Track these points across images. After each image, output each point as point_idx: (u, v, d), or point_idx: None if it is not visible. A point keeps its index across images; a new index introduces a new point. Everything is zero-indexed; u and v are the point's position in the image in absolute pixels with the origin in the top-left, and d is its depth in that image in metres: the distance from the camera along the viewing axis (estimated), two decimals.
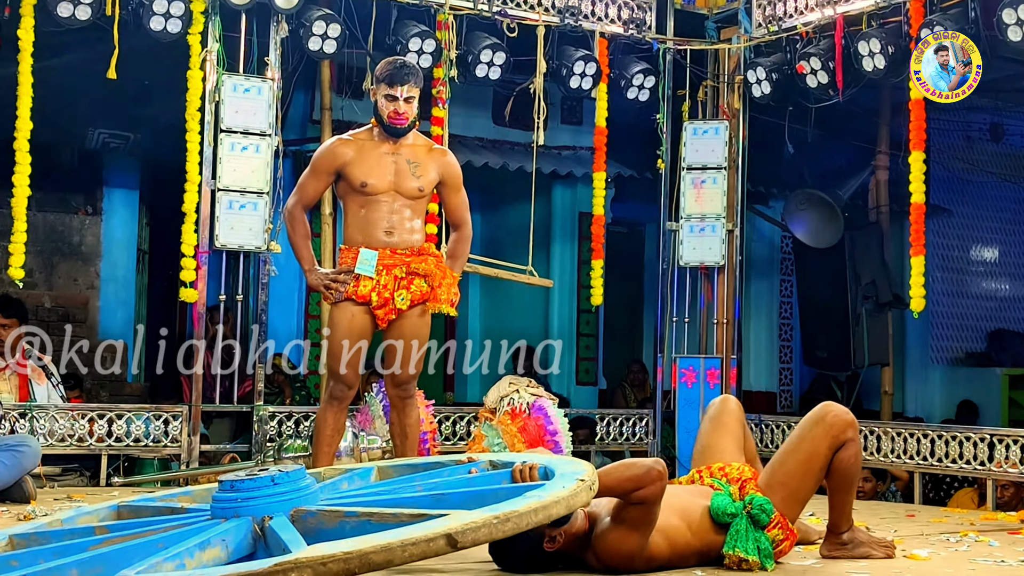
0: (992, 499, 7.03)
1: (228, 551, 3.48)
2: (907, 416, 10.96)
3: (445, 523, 3.27)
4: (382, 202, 5.50)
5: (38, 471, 6.60)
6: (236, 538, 3.51)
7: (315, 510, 3.59)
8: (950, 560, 4.75)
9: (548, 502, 3.46)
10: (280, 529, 3.47)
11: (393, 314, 5.50)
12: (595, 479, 3.73)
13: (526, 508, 3.39)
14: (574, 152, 10.46)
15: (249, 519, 3.55)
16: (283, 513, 3.56)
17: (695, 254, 8.58)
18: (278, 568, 3.08)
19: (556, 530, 3.98)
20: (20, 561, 3.54)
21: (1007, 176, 12.18)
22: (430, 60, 7.67)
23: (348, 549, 3.13)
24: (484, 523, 3.29)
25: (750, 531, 4.17)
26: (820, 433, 4.32)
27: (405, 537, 3.19)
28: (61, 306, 9.45)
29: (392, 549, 3.16)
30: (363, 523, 3.49)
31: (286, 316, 9.55)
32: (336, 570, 3.11)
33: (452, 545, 3.22)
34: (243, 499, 3.58)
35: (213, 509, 3.65)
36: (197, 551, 3.37)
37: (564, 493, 3.55)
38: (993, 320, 12.44)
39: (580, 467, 3.87)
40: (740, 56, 8.57)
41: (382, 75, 5.49)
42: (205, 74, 7.31)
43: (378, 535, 3.21)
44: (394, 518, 3.45)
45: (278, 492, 3.60)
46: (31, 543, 3.85)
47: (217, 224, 7.29)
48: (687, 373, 8.48)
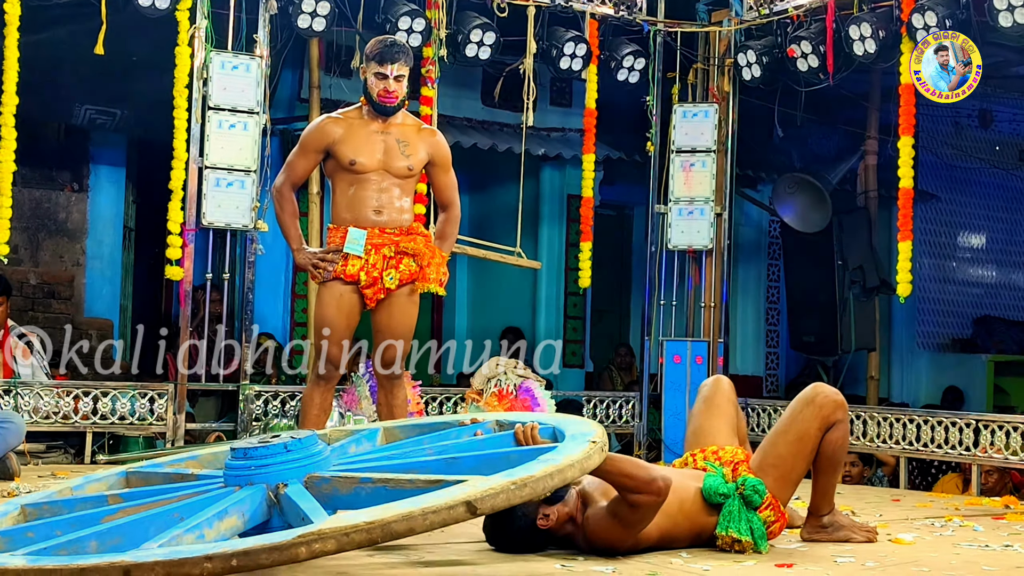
0: (977, 484, 7.05)
1: (244, 519, 3.48)
2: (893, 401, 10.99)
3: (464, 490, 3.26)
4: (371, 181, 5.48)
5: (22, 448, 6.58)
6: (252, 506, 3.51)
7: (329, 476, 3.58)
8: (935, 544, 4.76)
9: (563, 466, 3.44)
10: (298, 497, 3.46)
11: (382, 293, 5.48)
12: (605, 441, 3.72)
13: (542, 473, 3.37)
14: (563, 134, 10.44)
15: (263, 486, 3.55)
16: (297, 480, 3.56)
17: (683, 237, 8.58)
18: (302, 540, 3.08)
19: (550, 507, 3.99)
20: (36, 533, 3.53)
21: (995, 162, 12.20)
22: (420, 39, 7.64)
23: (370, 519, 3.13)
24: (502, 489, 3.28)
25: (743, 512, 4.17)
26: (810, 414, 4.32)
27: (426, 505, 3.18)
28: (46, 283, 9.40)
29: (414, 518, 3.16)
30: (378, 489, 3.48)
31: (272, 295, 9.53)
32: (359, 540, 3.12)
33: (472, 512, 3.22)
34: (257, 467, 3.58)
35: (227, 477, 3.64)
36: (216, 521, 3.37)
37: (578, 456, 3.53)
38: (979, 306, 12.48)
39: (589, 428, 3.84)
40: (730, 39, 8.56)
41: (372, 53, 5.46)
42: (193, 51, 7.27)
43: (399, 504, 3.20)
44: (410, 484, 3.44)
45: (292, 459, 3.60)
46: (43, 513, 3.84)
47: (204, 202, 7.26)
48: (674, 356, 8.49)
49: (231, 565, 3.06)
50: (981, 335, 12.20)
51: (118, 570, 3.05)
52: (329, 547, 3.11)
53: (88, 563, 3.07)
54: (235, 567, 3.07)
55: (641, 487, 3.84)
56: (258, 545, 3.08)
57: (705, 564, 3.98)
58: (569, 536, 4.09)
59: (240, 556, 3.06)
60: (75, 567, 3.06)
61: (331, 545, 3.10)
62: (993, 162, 12.17)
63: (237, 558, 3.06)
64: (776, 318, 11.69)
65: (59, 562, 3.10)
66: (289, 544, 3.08)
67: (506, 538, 4.07)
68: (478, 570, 3.78)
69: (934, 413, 7.45)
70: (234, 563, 3.06)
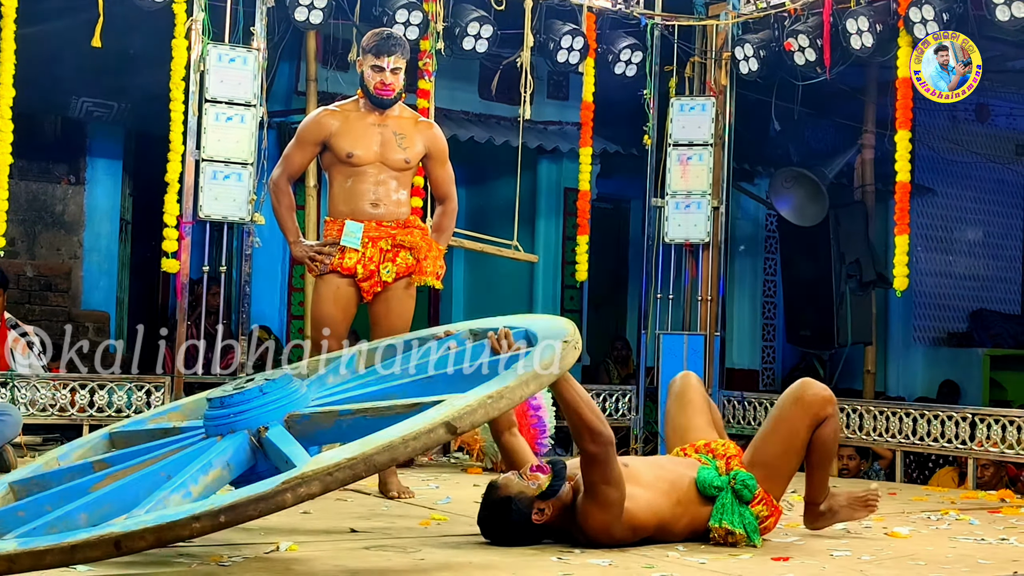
0: (973, 478, 7.06)
1: (230, 468, 3.48)
2: (889, 395, 11.00)
3: (441, 411, 3.25)
4: (368, 174, 5.48)
5: (19, 440, 6.57)
6: (235, 454, 3.51)
7: (309, 413, 3.58)
8: (931, 538, 4.77)
9: (538, 371, 3.44)
10: (279, 440, 3.46)
11: (379, 287, 5.48)
12: (578, 339, 3.70)
13: (518, 382, 3.37)
14: (560, 127, 10.44)
15: (245, 432, 3.54)
16: (277, 421, 3.55)
17: (680, 231, 8.58)
18: (286, 486, 3.09)
19: (545, 502, 3.99)
20: (26, 511, 3.52)
21: (991, 156, 12.19)
22: (417, 32, 7.63)
23: (352, 455, 3.13)
24: (480, 404, 3.29)
25: (735, 506, 4.18)
26: (799, 412, 4.32)
27: (405, 432, 3.18)
28: (43, 275, 9.40)
29: (395, 447, 3.17)
30: (358, 420, 3.49)
31: (269, 288, 9.52)
32: (343, 477, 3.12)
33: (452, 432, 3.23)
34: (235, 414, 3.58)
35: (207, 427, 3.64)
36: (200, 476, 3.38)
37: (550, 359, 3.52)
38: (975, 300, 12.48)
39: (562, 326, 3.83)
40: (728, 32, 8.55)
41: (368, 46, 5.46)
42: (190, 43, 7.25)
43: (379, 435, 3.20)
44: (389, 411, 3.44)
45: (269, 401, 3.60)
46: (32, 488, 3.82)
47: (201, 195, 7.25)
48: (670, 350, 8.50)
49: (219, 521, 3.06)
50: (977, 329, 12.20)
51: (108, 543, 3.06)
52: (315, 489, 3.11)
53: (79, 539, 3.08)
54: (223, 523, 3.07)
55: (595, 432, 3.85)
56: (244, 498, 3.08)
57: (701, 557, 3.99)
58: (566, 529, 4.09)
59: (227, 511, 3.06)
60: (66, 545, 3.07)
61: (316, 487, 3.10)
62: (989, 156, 12.17)
63: (224, 514, 3.06)
64: (772, 312, 11.69)
65: (50, 542, 3.10)
66: (274, 492, 3.08)
67: (501, 533, 4.07)
68: (475, 564, 3.78)
69: (930, 407, 7.46)
70: (222, 519, 3.06)
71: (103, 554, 3.09)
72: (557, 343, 3.63)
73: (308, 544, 4.00)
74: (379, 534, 4.33)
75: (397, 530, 4.45)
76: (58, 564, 3.11)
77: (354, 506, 5.11)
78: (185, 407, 4.33)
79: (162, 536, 3.06)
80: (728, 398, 8.41)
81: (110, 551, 3.08)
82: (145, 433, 4.07)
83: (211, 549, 3.76)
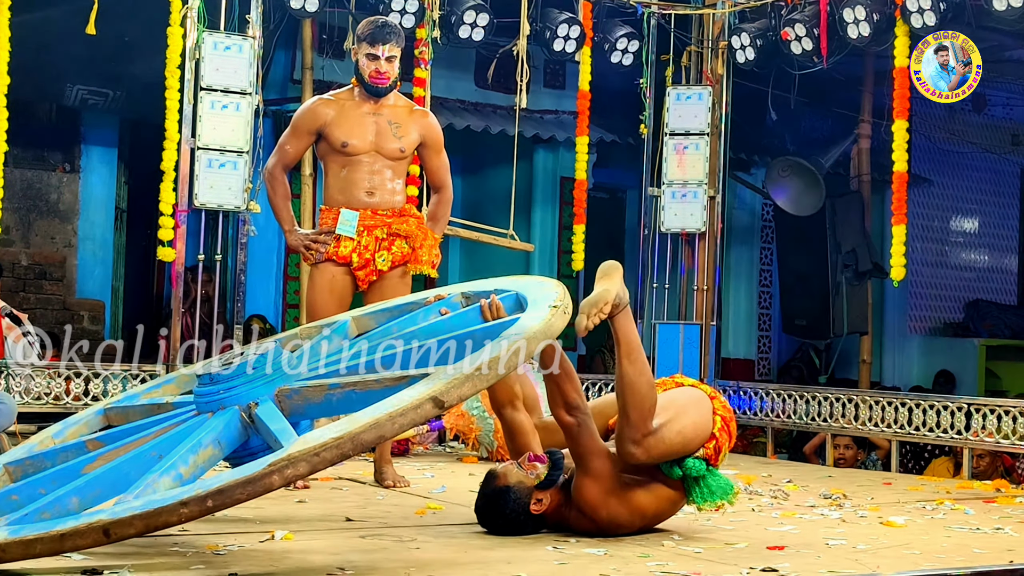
0: (968, 468, 7.06)
1: (221, 447, 3.46)
2: (884, 385, 11.00)
3: (429, 385, 3.23)
4: (363, 163, 5.47)
5: (14, 429, 6.56)
6: (226, 432, 3.49)
7: (299, 387, 3.55)
8: (926, 527, 4.78)
9: (525, 339, 3.40)
10: (268, 418, 3.43)
11: (374, 275, 5.47)
12: (568, 303, 3.66)
13: (506, 352, 3.33)
14: (556, 116, 10.42)
15: (235, 408, 3.52)
16: (267, 396, 3.52)
17: (676, 220, 8.57)
18: (273, 468, 3.07)
19: (543, 492, 3.99)
20: (20, 495, 3.51)
21: (988, 147, 12.20)
22: (413, 20, 7.61)
23: (338, 434, 3.11)
24: (468, 377, 3.26)
25: (700, 486, 4.12)
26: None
27: (392, 410, 3.15)
28: (38, 264, 9.38)
29: (381, 425, 3.14)
30: (348, 394, 3.47)
31: (264, 277, 9.51)
32: (330, 457, 3.10)
33: (440, 406, 3.21)
34: (225, 390, 3.55)
35: (197, 404, 3.61)
36: (190, 456, 3.35)
37: (539, 326, 3.48)
38: (971, 291, 12.49)
39: (551, 290, 3.79)
40: (725, 21, 8.53)
41: (363, 34, 5.45)
42: (186, 31, 7.22)
43: (365, 412, 3.18)
44: (378, 384, 3.41)
45: (257, 376, 3.58)
46: (27, 469, 3.81)
47: (196, 183, 7.23)
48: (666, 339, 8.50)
49: (207, 506, 3.05)
50: (972, 319, 12.22)
51: (97, 531, 3.05)
52: (301, 470, 3.10)
53: (68, 527, 3.07)
54: (211, 507, 3.06)
55: (567, 401, 3.86)
56: (231, 481, 3.06)
57: (697, 547, 3.99)
58: (563, 519, 4.09)
59: (215, 496, 3.05)
60: (55, 533, 3.06)
61: (303, 468, 3.09)
62: (986, 146, 12.17)
63: (212, 498, 3.05)
64: (768, 301, 11.69)
65: (40, 530, 3.10)
66: (262, 475, 3.06)
67: (499, 522, 4.06)
68: (471, 553, 3.78)
69: (926, 397, 7.46)
70: (209, 504, 3.05)
71: (92, 542, 3.09)
72: (546, 309, 3.60)
73: (304, 533, 4.00)
74: (375, 523, 4.33)
75: (393, 519, 4.45)
76: (48, 553, 3.11)
77: (350, 495, 5.11)
78: (179, 379, 4.30)
79: (150, 522, 3.05)
80: (723, 388, 8.41)
81: (99, 539, 3.08)
82: (139, 408, 4.05)
83: (207, 538, 3.76)
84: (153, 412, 3.92)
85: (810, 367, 10.83)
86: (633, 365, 3.90)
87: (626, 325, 3.93)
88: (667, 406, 4.03)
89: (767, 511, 5.08)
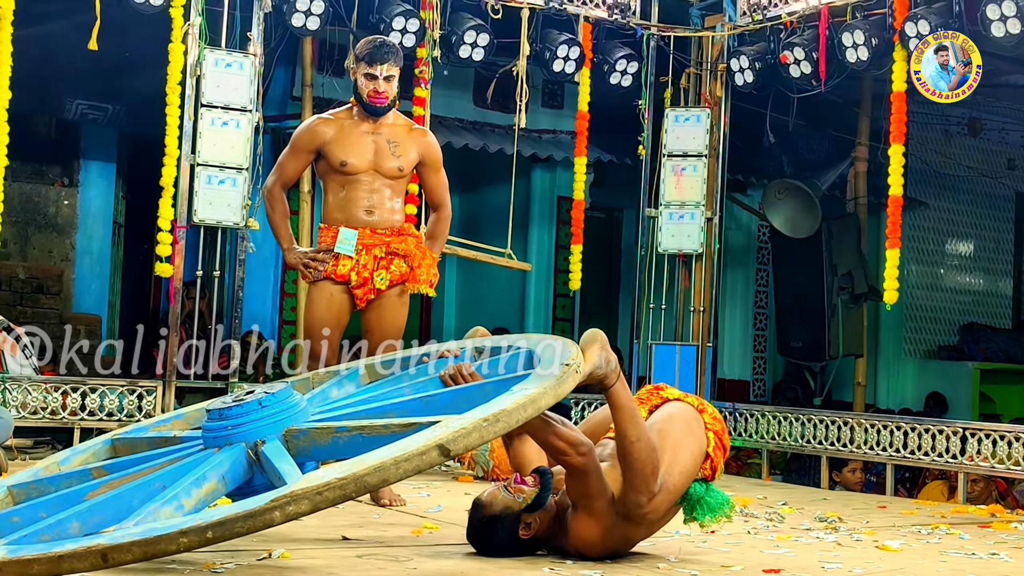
0: (963, 492, 7.07)
1: (225, 482, 3.46)
2: (879, 408, 11.01)
3: (435, 433, 3.23)
4: (362, 181, 5.48)
5: (10, 443, 6.56)
6: (232, 468, 3.49)
7: (306, 428, 3.55)
8: (922, 552, 4.78)
9: (536, 394, 3.40)
10: (274, 456, 3.44)
11: (372, 294, 5.48)
12: (581, 362, 3.65)
13: (515, 405, 3.33)
14: (554, 136, 10.45)
15: (242, 445, 3.52)
16: (275, 435, 3.53)
17: (673, 241, 8.59)
18: (275, 504, 3.07)
19: (531, 515, 3.97)
20: (21, 517, 3.51)
21: (983, 171, 12.24)
22: (413, 40, 7.64)
23: (342, 475, 3.10)
24: (475, 427, 3.26)
25: (702, 505, 4.11)
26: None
27: (398, 454, 3.15)
28: (35, 277, 9.38)
29: (386, 468, 3.14)
30: (355, 437, 3.46)
31: (261, 293, 9.52)
32: (332, 497, 3.10)
33: (445, 455, 3.21)
34: (233, 426, 3.56)
35: (205, 439, 3.62)
36: (194, 488, 3.36)
37: (551, 383, 3.48)
38: (966, 314, 12.51)
39: (565, 349, 3.79)
40: (724, 44, 8.57)
41: (362, 54, 5.46)
42: (187, 48, 7.25)
43: (370, 456, 3.18)
44: (385, 429, 3.42)
45: (267, 415, 3.58)
46: (31, 492, 3.81)
47: (195, 199, 7.25)
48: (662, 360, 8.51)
49: (207, 537, 3.05)
50: (967, 342, 12.23)
51: (95, 554, 3.05)
52: (303, 508, 3.10)
53: (66, 550, 3.07)
54: (211, 539, 3.06)
55: (572, 447, 3.78)
56: (232, 514, 3.07)
57: (692, 569, 3.99)
58: (556, 539, 4.07)
59: (215, 527, 3.05)
60: (53, 555, 3.06)
61: (305, 506, 3.09)
62: (981, 170, 12.21)
63: (212, 530, 3.05)
64: (764, 323, 11.71)
65: (38, 551, 3.10)
66: (263, 510, 3.07)
67: (490, 550, 4.04)
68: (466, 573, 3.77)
69: (921, 420, 7.47)
70: (209, 535, 3.05)
71: (90, 565, 3.09)
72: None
73: (300, 552, 4.00)
74: (371, 542, 4.33)
75: (389, 538, 4.45)
76: (45, 574, 3.11)
77: (346, 514, 5.11)
78: (188, 415, 4.32)
79: (149, 550, 3.05)
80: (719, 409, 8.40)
81: (96, 563, 3.08)
82: (146, 440, 4.07)
83: (204, 555, 3.76)
84: (160, 445, 3.94)
85: (805, 389, 10.84)
86: (636, 427, 3.87)
87: (621, 393, 3.85)
88: (662, 445, 3.97)
89: (763, 533, 5.09)
